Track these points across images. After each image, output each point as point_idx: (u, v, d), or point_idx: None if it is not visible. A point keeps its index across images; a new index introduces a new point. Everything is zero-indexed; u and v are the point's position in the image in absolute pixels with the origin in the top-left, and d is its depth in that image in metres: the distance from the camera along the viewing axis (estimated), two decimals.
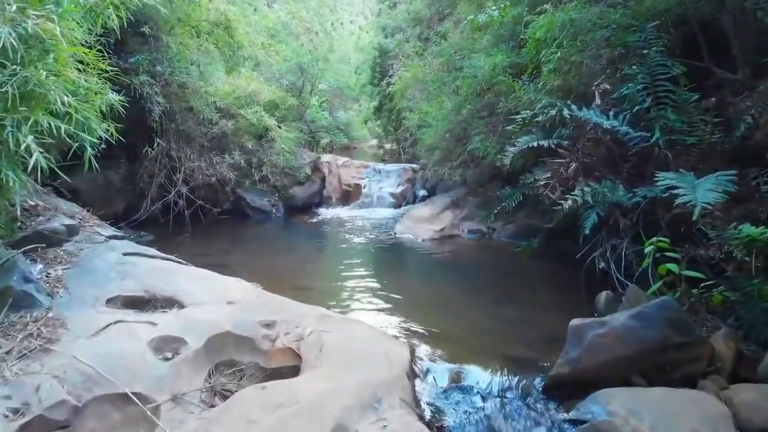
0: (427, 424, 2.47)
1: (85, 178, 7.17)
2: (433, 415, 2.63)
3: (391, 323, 3.76)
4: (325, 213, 9.12)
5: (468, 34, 7.70)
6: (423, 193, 9.75)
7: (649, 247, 2.85)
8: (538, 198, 5.45)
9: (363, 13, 20.93)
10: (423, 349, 3.25)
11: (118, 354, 2.83)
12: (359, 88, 16.79)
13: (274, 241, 7.05)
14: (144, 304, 3.61)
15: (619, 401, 2.49)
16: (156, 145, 6.95)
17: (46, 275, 3.65)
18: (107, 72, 4.25)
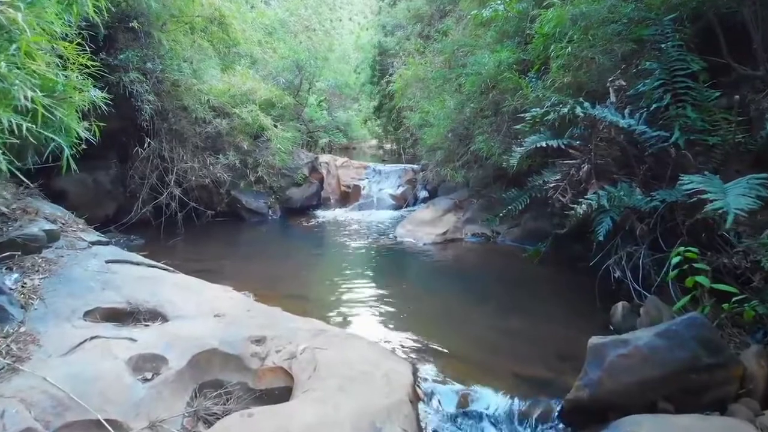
0: None
1: (74, 180, 6.92)
2: None
3: (391, 337, 3.49)
4: (323, 215, 8.85)
5: (471, 30, 7.44)
6: (424, 194, 9.50)
7: (676, 257, 2.59)
8: (545, 200, 5.20)
9: (363, 12, 20.67)
10: (427, 368, 2.99)
11: (92, 375, 2.59)
12: (359, 87, 16.53)
13: (269, 245, 6.79)
14: (125, 317, 3.35)
15: (646, 430, 2.24)
16: (147, 145, 6.67)
17: (21, 285, 3.40)
18: (89, 68, 4.01)
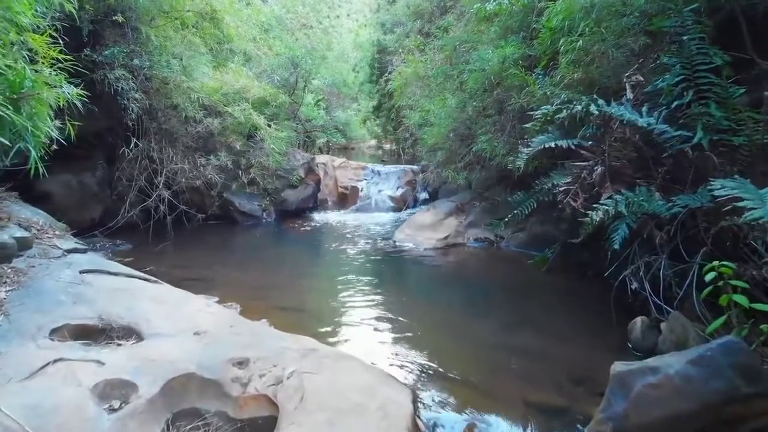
0: None
1: (58, 182, 6.62)
2: None
3: (389, 356, 3.19)
4: (319, 218, 8.55)
5: (473, 26, 7.13)
6: (424, 196, 9.22)
7: (710, 273, 2.29)
8: (552, 204, 4.90)
9: (362, 11, 20.37)
10: (428, 394, 2.69)
11: (52, 404, 2.30)
12: (357, 86, 16.23)
13: (262, 250, 6.48)
14: (96, 334, 3.06)
15: None
16: (133, 145, 6.36)
17: None
18: (61, 62, 3.71)
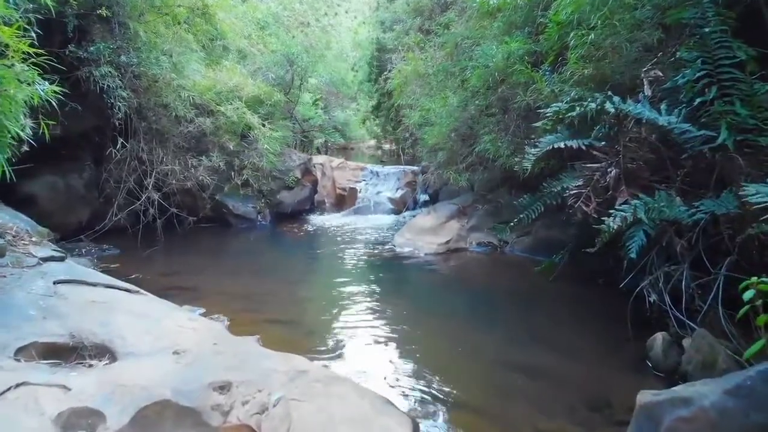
0: None
1: (43, 183, 6.35)
2: None
3: (387, 377, 2.92)
4: (316, 220, 8.28)
5: (475, 22, 6.85)
6: (424, 198, 8.95)
7: (748, 293, 2.03)
8: (558, 207, 4.64)
9: (361, 10, 20.11)
10: (431, 422, 2.42)
11: None
12: (357, 85, 15.97)
13: (255, 255, 6.20)
14: (66, 354, 2.80)
15: None
16: (120, 145, 6.09)
17: None
18: (34, 57, 3.44)
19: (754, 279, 2.09)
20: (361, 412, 2.30)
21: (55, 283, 3.41)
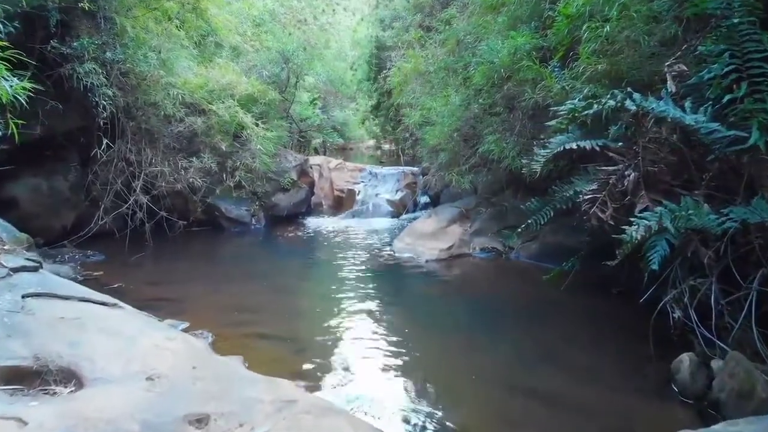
0: None
1: (26, 186, 6.05)
2: None
3: (385, 404, 2.64)
4: (313, 224, 7.99)
5: (478, 17, 6.57)
6: (425, 200, 8.66)
7: None
8: (567, 211, 4.36)
9: (360, 9, 19.85)
10: None
11: None
12: (356, 84, 15.69)
13: (247, 262, 5.90)
14: (29, 378, 2.51)
15: None
16: (105, 146, 5.81)
17: None
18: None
19: None
20: None
21: (23, 296, 3.12)
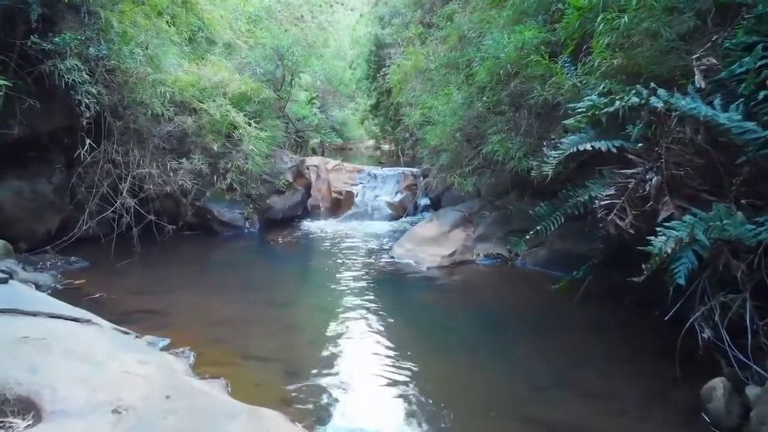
0: None
1: (7, 189, 5.73)
2: None
3: None
4: (309, 227, 7.70)
5: (481, 12, 6.29)
6: (426, 202, 8.38)
7: None
8: (577, 216, 4.07)
9: (359, 8, 19.58)
10: None
11: None
12: (355, 83, 15.40)
13: (238, 269, 5.60)
14: None
15: None
16: (88, 146, 5.51)
17: None
18: None
19: None
20: None
21: None
